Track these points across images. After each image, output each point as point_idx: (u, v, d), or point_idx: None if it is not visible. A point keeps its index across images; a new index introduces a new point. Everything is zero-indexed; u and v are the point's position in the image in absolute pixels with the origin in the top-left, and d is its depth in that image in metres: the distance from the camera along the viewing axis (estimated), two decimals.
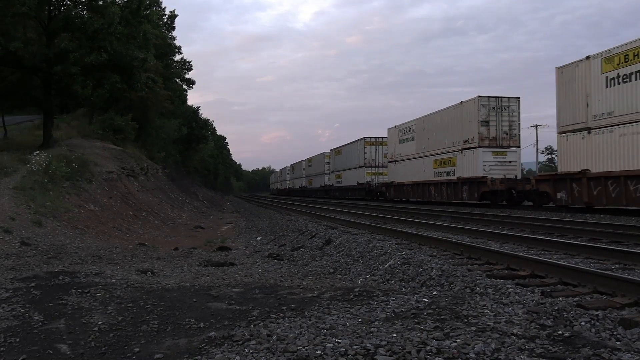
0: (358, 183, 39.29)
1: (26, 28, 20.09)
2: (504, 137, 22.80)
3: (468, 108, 23.32)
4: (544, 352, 3.40)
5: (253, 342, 3.79)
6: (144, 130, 33.45)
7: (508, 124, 22.95)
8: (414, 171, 28.62)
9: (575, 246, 8.18)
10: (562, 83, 17.92)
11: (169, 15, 39.88)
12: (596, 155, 16.20)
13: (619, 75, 15.39)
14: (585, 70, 16.73)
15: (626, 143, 15.09)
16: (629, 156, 14.97)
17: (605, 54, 16.06)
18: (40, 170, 15.48)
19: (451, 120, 24.69)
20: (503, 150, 22.71)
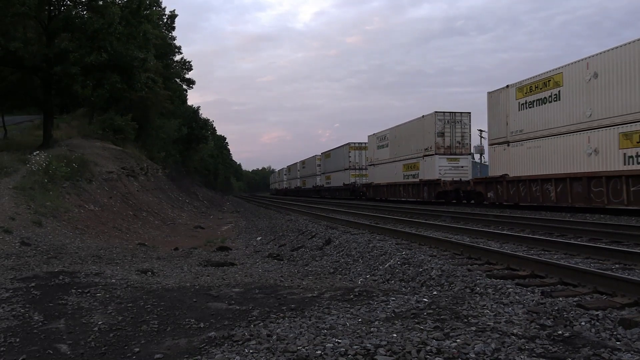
0: (344, 184, 43.14)
1: (26, 28, 20.09)
2: (456, 146, 26.87)
3: (428, 121, 27.30)
4: (544, 352, 3.40)
5: (253, 342, 3.79)
6: (144, 130, 33.45)
7: (460, 134, 27.04)
8: (388, 174, 32.69)
9: (575, 246, 8.18)
10: (491, 105, 22.16)
11: (169, 15, 39.93)
12: (512, 163, 20.43)
13: (526, 102, 19.80)
14: (505, 96, 21.02)
15: (530, 154, 19.38)
16: (532, 165, 19.24)
17: (518, 85, 20.29)
18: (40, 170, 15.48)
19: (415, 131, 28.82)
20: (456, 157, 26.73)
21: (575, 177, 17.05)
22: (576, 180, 17.02)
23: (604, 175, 15.85)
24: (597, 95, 16.33)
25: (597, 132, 16.31)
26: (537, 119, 19.06)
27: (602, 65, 16.17)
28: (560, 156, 17.88)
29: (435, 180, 26.30)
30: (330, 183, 48.05)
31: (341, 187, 44.03)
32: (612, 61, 15.82)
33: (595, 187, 16.27)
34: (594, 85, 16.47)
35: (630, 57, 15.09)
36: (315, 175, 55.29)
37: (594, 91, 16.45)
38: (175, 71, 43.15)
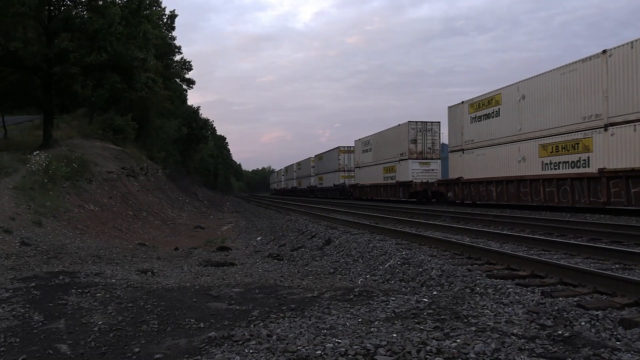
0: (334, 184, 46.95)
1: (26, 28, 20.09)
2: (427, 151, 30.61)
3: (402, 129, 30.98)
4: (544, 352, 3.40)
5: (253, 342, 3.79)
6: (144, 130, 33.45)
7: (431, 141, 30.66)
8: (371, 175, 36.34)
9: (575, 246, 8.18)
10: (450, 118, 26.03)
11: (169, 15, 39.91)
12: (466, 168, 24.04)
13: (476, 116, 23.31)
14: (461, 111, 24.63)
15: (479, 161, 22.96)
16: (480, 169, 22.77)
17: (470, 101, 23.94)
18: (40, 170, 15.48)
19: (393, 137, 32.48)
20: (427, 161, 30.33)
21: (509, 180, 20.59)
22: (510, 182, 20.58)
23: (528, 179, 19.38)
24: (524, 114, 19.92)
25: (525, 143, 19.87)
26: (484, 131, 22.70)
27: (528, 89, 19.67)
28: (499, 163, 21.44)
29: (408, 182, 29.85)
30: (322, 184, 51.70)
31: (332, 187, 47.54)
32: (535, 86, 19.25)
33: (522, 188, 19.78)
34: (522, 105, 20.05)
35: (546, 84, 18.59)
36: (309, 176, 58.22)
37: (523, 110, 20.02)
38: (175, 71, 43.15)
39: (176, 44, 42.37)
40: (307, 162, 60.50)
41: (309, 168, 58.80)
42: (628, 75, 15.01)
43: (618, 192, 15.23)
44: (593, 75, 16.36)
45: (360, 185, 38.94)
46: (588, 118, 16.63)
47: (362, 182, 38.57)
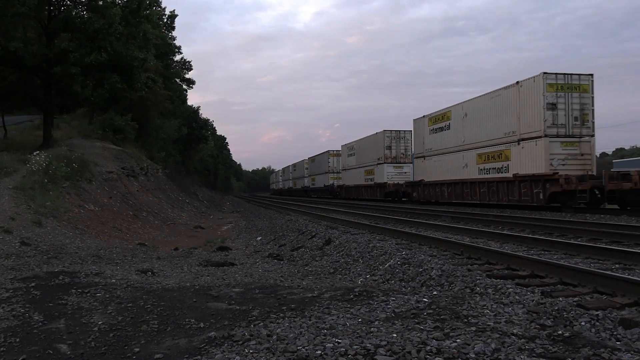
0: (324, 185, 51.18)
1: (26, 28, 20.07)
2: (401, 156, 34.79)
3: (379, 137, 35.18)
4: (544, 352, 3.40)
5: (253, 342, 3.79)
6: (144, 130, 33.43)
7: (404, 147, 34.73)
8: (355, 177, 40.52)
9: (575, 246, 8.19)
10: (415, 129, 30.27)
11: (169, 15, 39.87)
12: (426, 171, 28.06)
13: (434, 128, 27.30)
14: (423, 123, 28.67)
15: (435, 166, 26.98)
16: (436, 173, 26.79)
17: (429, 116, 27.89)
18: (40, 170, 15.47)
19: (372, 144, 36.63)
20: (400, 164, 34.47)
21: (456, 182, 24.56)
22: (457, 184, 24.60)
23: (469, 181, 23.44)
24: (467, 128, 23.83)
25: (467, 152, 23.72)
26: (439, 141, 26.67)
27: (469, 108, 23.59)
28: (450, 168, 25.32)
29: (383, 183, 34.17)
30: (314, 184, 55.99)
31: (322, 187, 51.90)
32: (474, 106, 23.19)
33: (465, 189, 23.89)
34: (465, 122, 23.96)
35: (481, 105, 22.62)
36: (303, 177, 62.33)
37: (465, 125, 23.94)
38: (175, 71, 43.11)
39: (176, 44, 42.36)
40: (301, 164, 64.25)
41: (303, 170, 62.67)
42: (532, 102, 19.16)
43: (526, 192, 19.45)
44: (511, 101, 20.45)
45: (346, 186, 43.16)
46: (507, 134, 20.74)
47: (347, 183, 42.96)
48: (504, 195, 20.76)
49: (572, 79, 18.93)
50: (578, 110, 18.79)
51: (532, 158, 19.12)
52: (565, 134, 18.66)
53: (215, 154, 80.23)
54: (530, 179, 19.13)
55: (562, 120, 18.60)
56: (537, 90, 18.88)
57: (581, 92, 18.89)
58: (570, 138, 18.69)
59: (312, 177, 57.64)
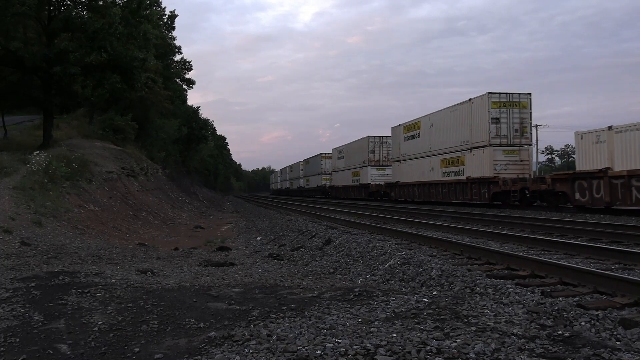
0: (317, 185, 55.10)
1: (26, 28, 20.09)
2: (383, 160, 38.26)
3: (364, 141, 39.22)
4: (544, 352, 3.40)
5: (253, 342, 3.79)
6: (144, 130, 33.42)
7: (386, 152, 38.08)
8: (344, 178, 44.24)
9: (575, 246, 8.19)
10: (392, 136, 33.87)
11: (169, 15, 39.91)
12: (402, 174, 31.64)
13: (407, 136, 30.93)
14: (399, 131, 32.21)
15: (408, 169, 30.58)
16: (409, 175, 30.39)
17: (404, 124, 31.38)
18: (40, 170, 15.47)
19: (358, 148, 40.76)
20: (383, 167, 37.91)
21: (424, 184, 28.39)
22: (424, 185, 28.44)
23: (434, 183, 27.23)
24: (433, 137, 27.44)
25: (433, 158, 27.32)
26: (411, 147, 30.26)
27: (435, 119, 27.25)
28: (420, 171, 28.98)
29: (367, 184, 37.87)
30: (309, 185, 59.85)
31: (316, 187, 55.63)
32: (438, 118, 26.86)
33: (431, 189, 27.75)
34: (432, 131, 27.61)
35: (444, 117, 26.23)
36: (299, 178, 66.41)
37: (432, 134, 27.60)
38: (175, 71, 43.12)
39: (176, 44, 42.39)
40: (297, 166, 68.59)
41: (298, 171, 66.89)
42: (480, 117, 22.69)
43: (476, 192, 23.31)
44: (465, 115, 23.96)
45: (336, 186, 47.25)
46: (463, 143, 24.18)
47: (337, 184, 47.11)
48: (460, 194, 24.64)
49: (512, 97, 22.51)
50: (518, 124, 22.48)
51: (480, 164, 22.80)
52: (507, 144, 22.29)
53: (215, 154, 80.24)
54: (478, 181, 22.94)
55: (505, 132, 22.22)
56: (484, 106, 22.39)
57: (521, 109, 22.51)
58: (511, 147, 22.34)
59: (306, 178, 61.53)
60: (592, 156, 17.58)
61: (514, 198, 21.03)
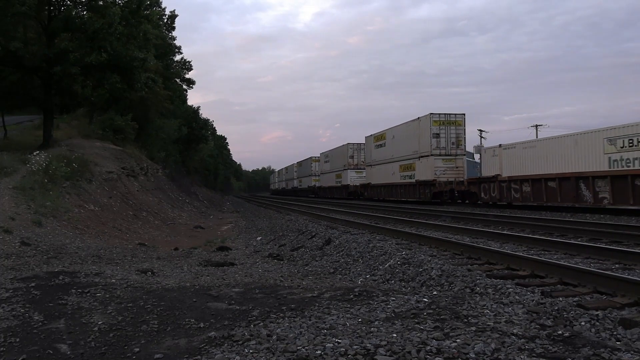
0: (308, 186, 60.82)
1: (26, 28, 20.07)
2: (361, 163, 42.88)
3: (345, 148, 45.33)
4: (544, 352, 3.40)
5: (253, 342, 3.79)
6: (144, 130, 33.42)
7: (364, 157, 42.04)
8: (329, 180, 50.36)
9: (575, 246, 8.19)
10: (366, 144, 39.65)
11: (169, 15, 39.88)
12: (373, 176, 37.19)
13: (376, 145, 36.44)
14: (370, 140, 37.94)
15: (377, 172, 36.04)
16: (378, 178, 35.81)
17: (374, 135, 37.03)
18: (40, 170, 15.47)
19: (340, 153, 46.69)
20: (361, 170, 42.58)
21: (388, 185, 33.95)
22: (388, 186, 33.99)
23: (395, 184, 32.72)
24: (394, 146, 32.84)
25: (395, 164, 32.52)
26: (379, 154, 35.82)
27: (396, 132, 32.79)
28: (385, 175, 34.41)
29: (347, 185, 43.82)
30: (301, 185, 65.51)
31: (307, 188, 61.09)
32: (398, 131, 32.42)
33: (393, 190, 33.35)
34: (394, 141, 33.00)
35: (401, 130, 31.90)
36: (293, 179, 71.94)
37: (394, 144, 32.91)
38: (175, 71, 43.10)
39: (176, 44, 42.35)
40: (292, 168, 74.53)
41: (293, 172, 72.65)
42: (425, 132, 28.18)
43: (422, 192, 28.90)
44: (415, 130, 29.60)
45: (323, 187, 53.03)
46: (414, 152, 29.72)
47: (323, 184, 53.05)
48: (412, 194, 30.52)
49: (450, 117, 28.16)
50: (454, 138, 28.13)
51: (425, 169, 28.17)
52: (445, 154, 27.91)
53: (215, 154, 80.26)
54: (424, 183, 28.36)
55: (443, 145, 27.94)
56: (427, 124, 28.00)
57: (456, 126, 28.20)
58: (448, 156, 27.91)
59: (299, 179, 67.26)
60: (490, 166, 24.01)
61: (445, 197, 27.37)
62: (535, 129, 58.57)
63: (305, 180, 62.29)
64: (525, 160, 21.42)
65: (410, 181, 30.11)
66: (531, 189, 20.67)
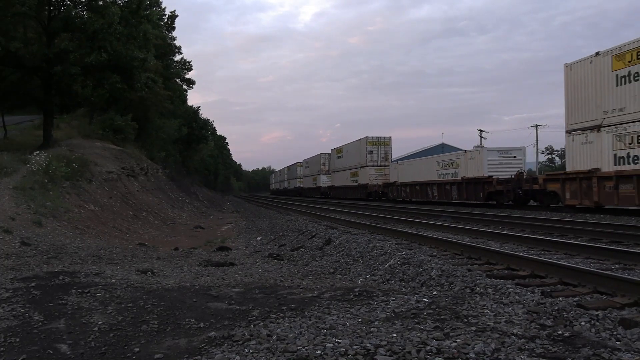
0: (295, 187, 69.85)
1: (26, 28, 20.08)
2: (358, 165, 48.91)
3: (320, 157, 55.44)
4: (544, 352, 3.40)
5: (253, 342, 3.79)
6: (144, 130, 33.44)
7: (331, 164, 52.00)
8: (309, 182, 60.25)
9: (575, 246, 8.18)
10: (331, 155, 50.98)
11: (169, 15, 39.90)
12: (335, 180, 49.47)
13: (337, 156, 48.44)
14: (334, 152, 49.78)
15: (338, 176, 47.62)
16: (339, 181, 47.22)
17: (336, 149, 48.82)
18: (40, 170, 15.48)
19: (315, 160, 57.31)
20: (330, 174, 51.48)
21: (344, 187, 44.74)
22: (344, 188, 44.66)
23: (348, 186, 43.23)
24: (347, 158, 43.93)
25: (347, 171, 43.32)
26: (339, 164, 46.92)
27: (348, 148, 44.39)
28: (342, 179, 45.26)
29: (320, 186, 53.52)
30: (290, 186, 75.05)
31: (294, 189, 70.56)
32: (349, 147, 44.00)
33: (347, 190, 43.14)
34: (347, 154, 44.18)
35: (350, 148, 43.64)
36: (284, 180, 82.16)
37: (347, 157, 44.10)
38: (175, 71, 43.12)
39: (176, 44, 42.38)
40: (283, 170, 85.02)
41: (284, 175, 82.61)
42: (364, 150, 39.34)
43: (362, 192, 39.27)
44: (358, 147, 41.02)
45: (304, 188, 63.08)
46: (359, 163, 40.41)
47: (304, 186, 63.46)
48: (357, 193, 40.88)
49: (380, 139, 39.83)
50: (383, 153, 39.69)
51: (365, 176, 39.30)
52: (377, 165, 39.17)
53: (215, 154, 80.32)
54: (363, 185, 39.32)
55: (376, 158, 39.39)
56: (365, 143, 39.54)
57: (385, 145, 39.86)
58: (379, 167, 38.99)
59: (288, 180, 77.24)
60: (393, 175, 35.99)
61: (376, 195, 37.80)
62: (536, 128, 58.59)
63: (293, 182, 72.89)
64: (407, 173, 33.39)
65: (355, 184, 41.38)
66: (410, 190, 32.76)
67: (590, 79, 16.75)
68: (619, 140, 15.54)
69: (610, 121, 15.78)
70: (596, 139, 16.37)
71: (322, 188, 52.20)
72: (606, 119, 15.97)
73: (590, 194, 16.28)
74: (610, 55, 15.96)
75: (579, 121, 17.25)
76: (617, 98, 15.56)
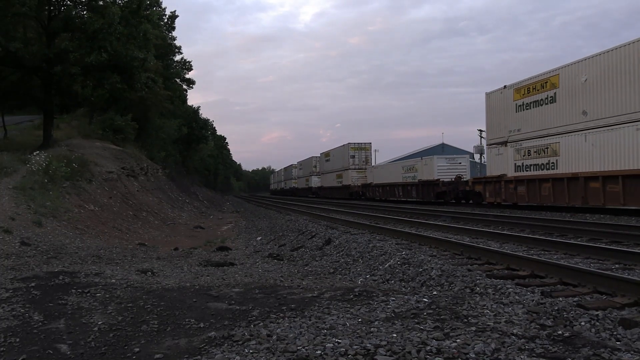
0: (290, 187, 74.66)
1: (26, 28, 20.08)
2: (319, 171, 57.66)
3: (312, 159, 59.62)
4: (544, 352, 3.40)
5: (253, 342, 3.79)
6: (144, 130, 33.44)
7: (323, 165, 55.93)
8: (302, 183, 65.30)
9: (575, 246, 8.18)
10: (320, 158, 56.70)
11: (169, 15, 39.92)
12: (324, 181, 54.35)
13: (325, 159, 53.98)
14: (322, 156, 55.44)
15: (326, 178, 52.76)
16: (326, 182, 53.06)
17: (325, 153, 54.28)
18: (40, 170, 15.48)
19: (308, 163, 61.77)
20: (319, 175, 56.56)
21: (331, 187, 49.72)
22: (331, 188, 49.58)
23: (334, 186, 48.51)
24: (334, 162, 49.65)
25: (334, 173, 49.04)
26: (327, 166, 51.59)
27: (334, 152, 50.16)
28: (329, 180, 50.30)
29: (311, 187, 58.48)
30: (286, 187, 79.02)
31: (289, 189, 74.83)
32: (335, 152, 49.62)
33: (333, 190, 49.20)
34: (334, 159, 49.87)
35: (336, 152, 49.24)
36: (281, 181, 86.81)
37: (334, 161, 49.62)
38: (175, 71, 43.14)
39: (176, 44, 42.41)
40: (280, 172, 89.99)
41: (281, 176, 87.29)
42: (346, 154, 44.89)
43: (345, 192, 44.87)
44: (342, 152, 46.36)
45: (298, 188, 67.46)
46: (343, 166, 45.51)
47: (298, 186, 68.31)
48: (342, 193, 45.48)
49: (361, 145, 44.89)
50: (364, 158, 44.66)
51: (348, 177, 44.07)
52: (359, 168, 43.87)
53: (215, 154, 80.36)
54: (347, 186, 44.07)
55: (357, 162, 44.15)
56: (348, 149, 44.49)
57: (365, 150, 44.94)
58: (360, 169, 43.73)
59: (285, 181, 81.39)
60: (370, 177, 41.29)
61: (357, 195, 42.39)
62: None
63: (289, 182, 77.33)
64: (380, 175, 38.62)
65: (340, 185, 46.45)
66: (382, 190, 37.76)
67: (500, 105, 22.27)
68: (517, 153, 20.92)
69: (513, 138, 21.30)
70: (504, 151, 21.82)
71: (313, 188, 57.25)
72: (510, 137, 21.51)
73: (500, 193, 21.74)
74: (512, 89, 21.54)
75: (494, 137, 22.77)
76: (516, 121, 21.11)
